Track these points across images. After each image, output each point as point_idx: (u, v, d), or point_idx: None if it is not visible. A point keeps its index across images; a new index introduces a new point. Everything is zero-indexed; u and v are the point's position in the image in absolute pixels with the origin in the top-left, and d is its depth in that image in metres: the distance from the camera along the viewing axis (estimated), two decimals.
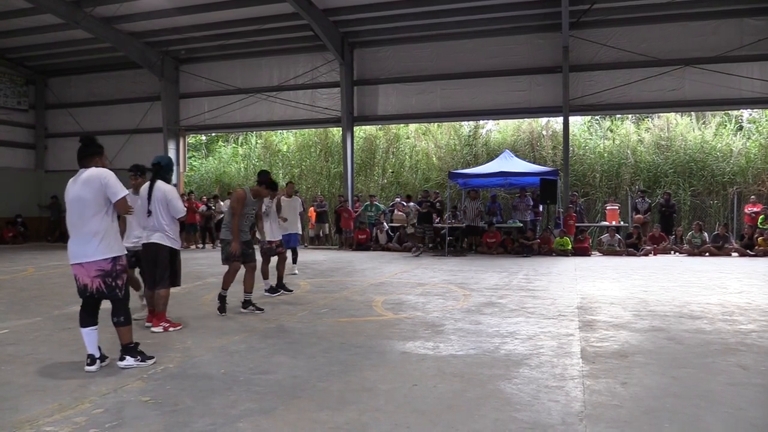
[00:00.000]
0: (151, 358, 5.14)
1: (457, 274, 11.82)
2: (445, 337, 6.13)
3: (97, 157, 5.05)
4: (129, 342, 5.04)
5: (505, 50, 18.66)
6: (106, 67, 22.94)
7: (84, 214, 4.85)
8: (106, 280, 4.90)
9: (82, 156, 5.01)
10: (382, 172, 23.03)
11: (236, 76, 21.52)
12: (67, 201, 4.95)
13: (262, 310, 7.69)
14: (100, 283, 4.89)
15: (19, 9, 18.07)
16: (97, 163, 5.02)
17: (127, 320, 5.02)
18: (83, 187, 4.87)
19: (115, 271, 4.93)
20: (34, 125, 24.40)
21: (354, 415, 3.87)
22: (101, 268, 4.87)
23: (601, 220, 18.61)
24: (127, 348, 5.03)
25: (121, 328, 5.01)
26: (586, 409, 3.95)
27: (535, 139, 21.79)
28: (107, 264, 4.88)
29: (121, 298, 5.00)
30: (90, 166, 4.97)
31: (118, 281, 4.95)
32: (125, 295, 5.04)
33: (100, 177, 4.86)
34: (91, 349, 4.97)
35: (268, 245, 9.00)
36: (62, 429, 3.66)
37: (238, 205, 7.42)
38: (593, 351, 5.50)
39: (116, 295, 4.96)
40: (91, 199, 4.84)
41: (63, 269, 12.47)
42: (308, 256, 13.47)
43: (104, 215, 4.88)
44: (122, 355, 5.02)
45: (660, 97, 17.55)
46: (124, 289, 5.01)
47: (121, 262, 4.98)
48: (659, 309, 7.68)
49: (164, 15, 18.46)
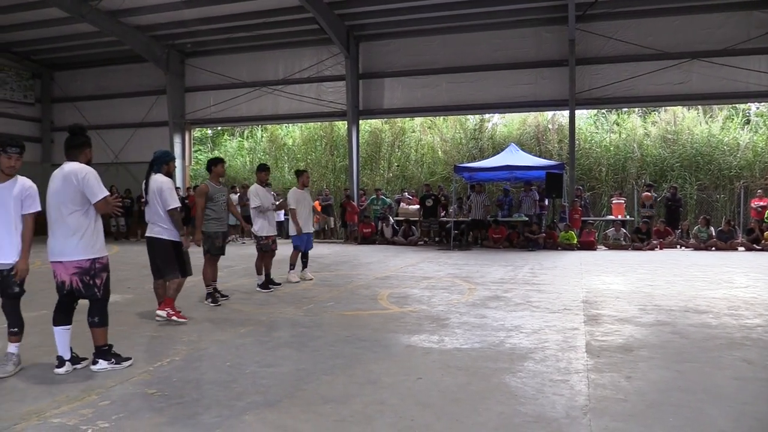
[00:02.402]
0: (128, 359, 4.89)
1: (462, 267, 11.82)
2: (450, 330, 6.14)
3: (85, 149, 4.91)
4: (103, 344, 4.83)
5: (512, 43, 18.59)
6: (112, 60, 22.98)
7: (62, 210, 4.71)
8: (84, 278, 4.72)
9: (69, 146, 4.88)
10: (387, 165, 23.02)
11: (242, 70, 21.52)
12: (48, 194, 4.83)
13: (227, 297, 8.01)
14: (77, 281, 4.72)
15: (25, 3, 18.09)
16: (85, 155, 4.89)
17: (102, 321, 4.82)
18: (63, 183, 4.73)
19: (94, 269, 4.74)
20: (40, 119, 24.48)
21: (359, 407, 3.89)
22: (79, 266, 4.71)
23: (607, 214, 18.56)
24: (101, 351, 4.82)
25: (96, 329, 4.82)
26: (591, 402, 3.96)
27: (540, 133, 21.73)
28: (86, 262, 4.71)
29: (99, 298, 4.80)
30: (78, 159, 4.84)
31: (96, 280, 4.76)
32: (104, 295, 4.82)
33: (78, 174, 4.69)
34: (62, 350, 4.77)
35: (264, 240, 8.92)
36: (69, 421, 3.69)
37: (200, 198, 7.65)
38: (598, 345, 5.50)
39: (94, 295, 4.78)
40: (69, 195, 4.70)
41: None
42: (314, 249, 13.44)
43: (84, 213, 4.72)
44: (95, 359, 4.81)
45: (667, 91, 17.46)
46: (102, 288, 4.80)
47: (101, 261, 4.80)
48: (665, 303, 7.67)
49: (170, 8, 18.45)
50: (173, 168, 6.84)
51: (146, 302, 7.15)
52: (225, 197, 8.03)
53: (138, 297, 8.17)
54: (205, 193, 7.68)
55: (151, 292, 7.02)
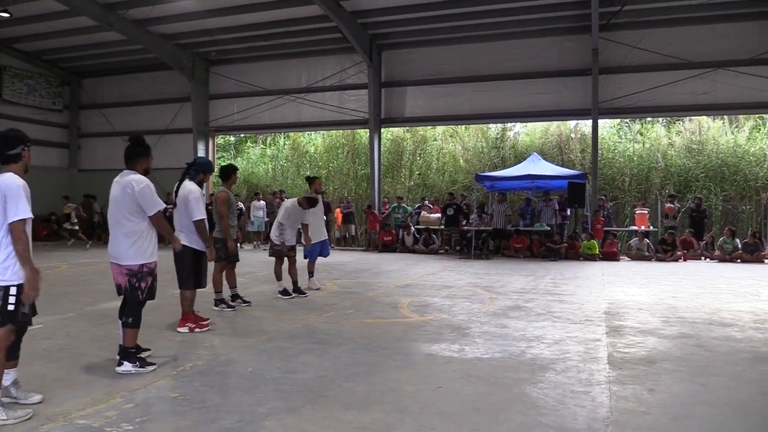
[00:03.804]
0: (151, 365, 4.99)
1: (483, 277, 11.79)
2: (470, 339, 6.13)
3: (143, 158, 5.13)
4: (131, 346, 4.97)
5: (535, 52, 18.53)
6: (138, 68, 23.34)
7: (119, 216, 4.96)
8: (131, 280, 4.95)
9: (128, 156, 5.10)
10: (409, 174, 23.04)
11: (265, 78, 21.72)
12: (109, 199, 5.07)
13: (234, 308, 7.86)
14: (126, 282, 4.97)
15: (54, 11, 18.46)
16: (143, 164, 5.11)
17: (134, 323, 4.98)
18: (121, 191, 4.96)
19: (141, 273, 4.95)
20: (67, 125, 24.92)
21: (379, 415, 3.91)
22: (130, 269, 4.94)
23: (630, 224, 18.38)
24: (127, 352, 4.94)
25: (127, 329, 4.97)
26: (613, 415, 3.93)
27: (563, 142, 21.61)
28: (135, 266, 4.94)
29: (139, 301, 4.99)
30: (135, 168, 5.06)
31: (142, 283, 4.96)
32: (144, 298, 5.01)
33: (135, 185, 4.90)
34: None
35: (278, 247, 8.93)
36: (94, 422, 3.76)
37: (224, 207, 7.53)
38: (620, 357, 5.45)
39: (136, 296, 4.97)
40: (126, 203, 4.92)
41: (94, 266, 12.72)
42: (335, 257, 13.53)
43: (138, 221, 4.94)
44: (120, 360, 4.94)
45: (691, 100, 17.25)
46: (146, 292, 4.99)
47: (149, 266, 5.00)
48: (688, 315, 7.58)
49: (196, 17, 18.72)
50: (208, 179, 6.90)
51: (170, 307, 7.23)
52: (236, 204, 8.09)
53: (161, 302, 8.23)
54: (227, 200, 7.62)
55: (174, 297, 7.12)
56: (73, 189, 24.08)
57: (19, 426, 3.69)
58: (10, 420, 3.70)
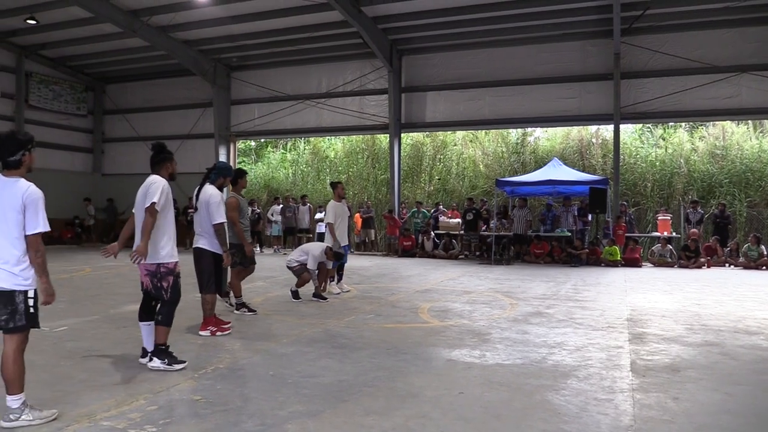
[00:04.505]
0: (181, 363, 5.12)
1: (503, 282, 11.73)
2: (491, 345, 6.10)
3: (167, 163, 5.31)
4: (161, 343, 5.16)
5: (556, 57, 18.44)
6: (161, 74, 23.66)
7: (138, 217, 5.16)
8: (153, 280, 5.16)
9: (154, 163, 5.29)
10: (428, 178, 23.02)
11: (286, 83, 21.87)
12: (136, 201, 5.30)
13: (255, 312, 7.88)
14: (148, 282, 5.19)
15: (79, 18, 18.83)
16: (167, 170, 5.29)
17: (164, 321, 5.18)
18: (141, 193, 5.18)
19: (160, 273, 5.14)
20: (92, 130, 25.30)
21: (400, 420, 3.90)
22: (148, 269, 5.15)
23: (653, 230, 18.17)
24: (158, 349, 5.13)
25: (159, 326, 5.18)
26: (636, 423, 3.88)
27: (584, 147, 21.44)
28: (152, 266, 5.13)
29: (167, 300, 5.20)
30: (159, 172, 5.24)
31: (163, 283, 5.16)
32: (171, 298, 5.20)
33: (151, 185, 5.10)
34: (145, 342, 5.26)
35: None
36: (119, 424, 3.79)
37: (234, 212, 7.48)
38: (644, 364, 5.39)
39: (162, 296, 5.20)
40: (141, 204, 5.11)
41: (118, 270, 12.87)
42: (354, 262, 13.58)
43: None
44: (151, 356, 5.14)
45: (715, 105, 17.05)
46: (170, 291, 5.18)
47: (166, 266, 5.16)
48: (713, 323, 7.47)
49: (217, 23, 18.95)
50: (228, 183, 6.97)
51: (191, 310, 7.28)
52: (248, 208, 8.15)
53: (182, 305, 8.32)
54: (237, 206, 7.56)
55: (195, 300, 7.17)
56: (96, 193, 24.46)
57: (45, 427, 3.74)
58: (36, 420, 3.75)
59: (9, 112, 21.79)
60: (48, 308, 4.15)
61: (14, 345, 3.80)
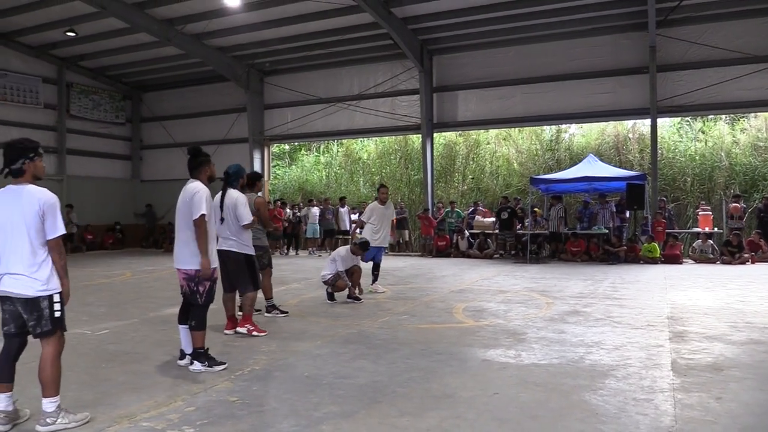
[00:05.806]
0: (221, 364, 5.23)
1: (539, 281, 11.60)
2: (527, 345, 6.03)
3: (204, 167, 5.39)
4: (199, 347, 5.24)
5: (589, 51, 18.15)
6: (196, 81, 24.01)
7: (181, 223, 5.26)
8: (190, 284, 5.25)
9: (191, 167, 5.37)
10: (462, 178, 22.92)
11: (318, 86, 22.00)
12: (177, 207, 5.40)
13: (287, 313, 7.94)
14: (186, 285, 5.28)
15: (116, 29, 19.26)
16: (206, 173, 5.37)
17: (198, 326, 5.23)
18: (181, 198, 5.28)
19: (197, 277, 5.20)
20: (130, 138, 25.83)
21: (435, 421, 3.88)
22: (187, 273, 5.24)
23: (693, 225, 17.75)
24: (197, 353, 5.23)
25: (193, 332, 5.26)
26: (677, 424, 3.79)
27: (620, 143, 21.08)
28: (191, 271, 5.21)
29: (200, 304, 5.26)
30: (199, 177, 5.33)
31: (200, 287, 5.23)
32: (205, 302, 5.27)
33: (190, 192, 5.18)
34: (183, 344, 5.37)
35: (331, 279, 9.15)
36: (158, 425, 3.87)
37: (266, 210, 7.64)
38: (685, 363, 5.27)
39: (195, 300, 5.26)
40: (185, 210, 5.21)
41: (157, 273, 13.10)
42: (389, 262, 13.58)
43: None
44: (191, 360, 5.26)
45: (757, 96, 16.52)
46: (205, 296, 5.26)
47: None
48: (758, 321, 7.25)
49: (250, 29, 19.16)
50: (244, 183, 7.07)
51: (221, 312, 7.38)
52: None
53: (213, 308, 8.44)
54: (266, 204, 7.81)
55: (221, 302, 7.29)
56: (136, 199, 25.00)
57: (82, 429, 3.82)
58: (72, 423, 3.83)
59: (52, 122, 22.39)
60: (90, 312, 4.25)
61: (51, 348, 3.88)
